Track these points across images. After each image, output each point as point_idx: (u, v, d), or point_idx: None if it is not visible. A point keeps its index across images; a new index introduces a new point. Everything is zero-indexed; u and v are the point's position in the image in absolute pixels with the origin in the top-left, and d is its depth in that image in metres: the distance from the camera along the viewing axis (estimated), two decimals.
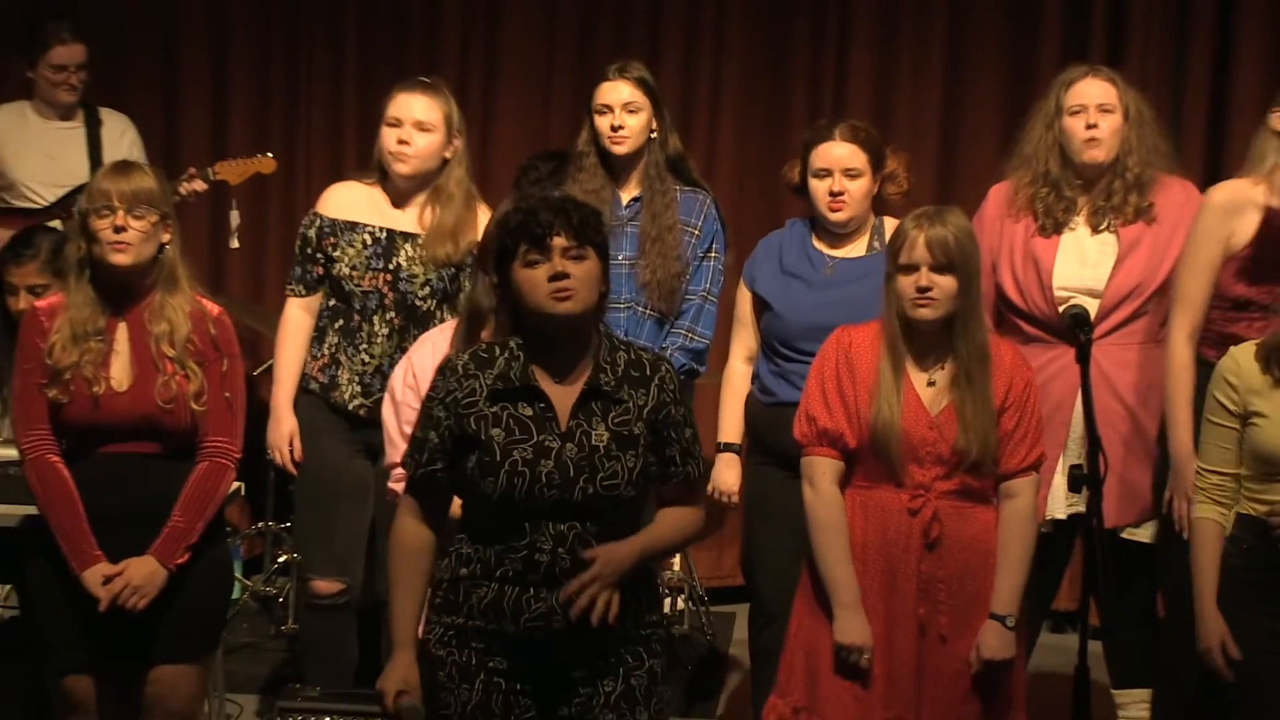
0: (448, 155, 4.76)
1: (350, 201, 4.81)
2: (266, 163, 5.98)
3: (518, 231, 3.34)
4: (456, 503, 3.48)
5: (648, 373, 3.39)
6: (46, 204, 5.95)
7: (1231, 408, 3.85)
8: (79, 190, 5.88)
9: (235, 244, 5.95)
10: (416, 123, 4.69)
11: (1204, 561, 3.87)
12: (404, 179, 4.73)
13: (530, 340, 3.38)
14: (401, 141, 4.69)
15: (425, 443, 3.39)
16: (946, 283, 3.80)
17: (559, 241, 3.31)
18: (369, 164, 4.84)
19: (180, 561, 3.92)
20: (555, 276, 3.30)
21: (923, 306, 3.81)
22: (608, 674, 3.37)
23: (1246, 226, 4.32)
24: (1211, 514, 3.88)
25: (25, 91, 6.11)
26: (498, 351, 3.39)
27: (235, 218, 5.92)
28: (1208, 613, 3.84)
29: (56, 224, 5.78)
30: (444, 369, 3.42)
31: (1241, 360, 3.86)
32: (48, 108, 6.05)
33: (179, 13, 6.69)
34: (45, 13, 6.37)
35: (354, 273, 4.74)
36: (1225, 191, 4.39)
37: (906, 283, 3.81)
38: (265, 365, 5.37)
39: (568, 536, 3.31)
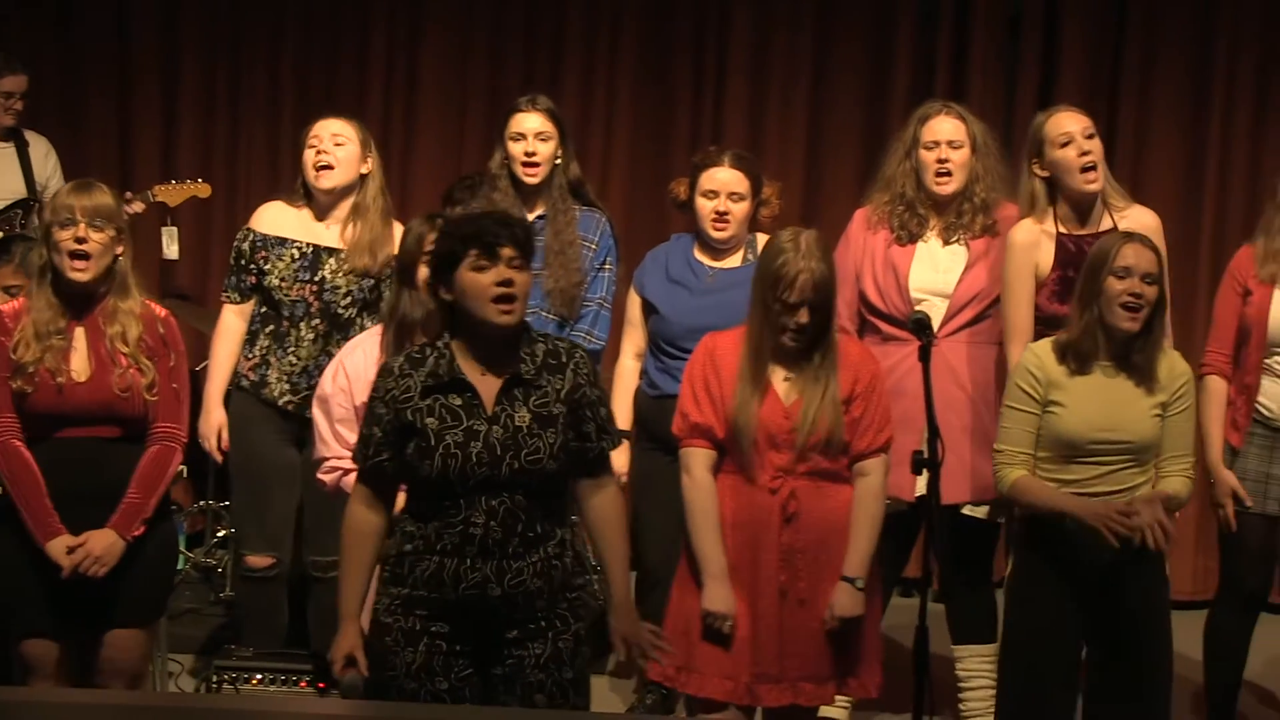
0: (364, 170, 4.74)
1: (279, 219, 4.78)
2: (203, 188, 5.93)
3: (470, 239, 3.33)
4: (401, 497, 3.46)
5: (564, 360, 3.40)
6: None
7: (1034, 395, 3.93)
8: (16, 204, 5.83)
9: (174, 255, 5.87)
10: (332, 136, 4.69)
11: (1044, 494, 3.93)
12: (326, 193, 4.70)
13: (464, 337, 3.38)
14: (321, 153, 4.67)
15: (371, 438, 3.40)
16: (819, 318, 3.78)
17: (507, 251, 3.31)
18: (296, 187, 4.81)
19: (137, 534, 3.89)
20: (502, 283, 3.30)
21: (795, 342, 3.79)
22: (537, 637, 3.40)
23: (1046, 256, 4.43)
24: (1021, 472, 3.95)
25: None
26: (429, 352, 3.40)
27: (170, 233, 5.84)
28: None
29: None
30: (383, 371, 3.42)
31: (1041, 354, 3.96)
32: None
33: (132, 43, 6.56)
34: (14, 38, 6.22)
35: (283, 284, 4.70)
36: (1022, 232, 4.47)
37: (788, 319, 3.76)
38: (206, 362, 5.33)
39: (498, 510, 3.32)
